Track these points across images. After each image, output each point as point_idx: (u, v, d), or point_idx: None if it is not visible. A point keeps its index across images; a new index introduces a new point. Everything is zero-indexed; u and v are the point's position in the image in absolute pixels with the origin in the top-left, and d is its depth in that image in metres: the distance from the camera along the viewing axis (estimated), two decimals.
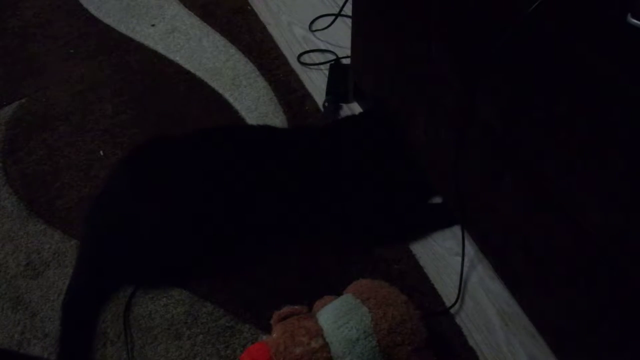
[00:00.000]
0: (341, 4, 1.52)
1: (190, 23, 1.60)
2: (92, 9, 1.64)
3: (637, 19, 0.60)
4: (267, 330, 0.93)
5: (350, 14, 1.23)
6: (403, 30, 1.01)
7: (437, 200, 1.14)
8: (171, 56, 1.49)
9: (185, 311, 1.00)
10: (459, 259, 1.03)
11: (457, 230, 1.09)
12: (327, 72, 1.40)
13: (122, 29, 1.58)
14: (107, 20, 1.60)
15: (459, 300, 1.00)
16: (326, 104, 1.33)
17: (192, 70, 1.45)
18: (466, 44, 0.84)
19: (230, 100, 1.37)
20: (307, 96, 1.37)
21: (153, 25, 1.59)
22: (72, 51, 1.51)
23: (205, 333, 0.97)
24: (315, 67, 1.45)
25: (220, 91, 1.40)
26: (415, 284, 1.02)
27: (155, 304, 1.01)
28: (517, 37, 0.70)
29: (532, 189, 0.81)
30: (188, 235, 1.02)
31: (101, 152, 1.26)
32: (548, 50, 0.68)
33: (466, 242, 1.04)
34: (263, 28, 1.57)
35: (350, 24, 1.23)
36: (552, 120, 0.71)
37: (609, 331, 0.75)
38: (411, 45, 0.99)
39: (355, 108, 1.34)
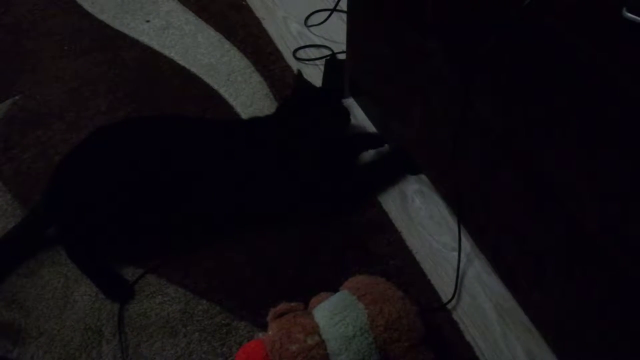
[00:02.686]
0: None
1: (185, 19, 1.59)
2: (87, 6, 1.63)
3: (632, 14, 0.59)
4: (264, 327, 0.93)
5: (345, 9, 1.22)
6: (398, 25, 1.00)
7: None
8: (166, 52, 1.48)
9: (180, 309, 0.99)
10: (456, 254, 1.03)
11: (453, 225, 1.09)
12: (322, 68, 1.40)
13: (117, 25, 1.57)
14: (102, 17, 1.60)
15: (456, 296, 1.00)
16: None
17: (187, 66, 1.44)
18: (461, 38, 0.84)
19: (226, 96, 1.37)
20: None
21: (148, 21, 1.58)
22: (66, 48, 1.50)
23: (201, 331, 0.97)
24: (311, 62, 1.45)
25: (216, 87, 1.39)
26: (412, 280, 1.02)
27: (151, 302, 1.00)
28: (512, 32, 0.70)
29: (528, 184, 0.81)
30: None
31: None
32: (543, 45, 0.68)
33: (462, 238, 1.03)
34: (258, 23, 1.56)
35: (345, 19, 1.22)
36: (548, 114, 0.71)
37: (604, 325, 0.75)
38: (407, 40, 0.99)
39: (350, 103, 1.34)
